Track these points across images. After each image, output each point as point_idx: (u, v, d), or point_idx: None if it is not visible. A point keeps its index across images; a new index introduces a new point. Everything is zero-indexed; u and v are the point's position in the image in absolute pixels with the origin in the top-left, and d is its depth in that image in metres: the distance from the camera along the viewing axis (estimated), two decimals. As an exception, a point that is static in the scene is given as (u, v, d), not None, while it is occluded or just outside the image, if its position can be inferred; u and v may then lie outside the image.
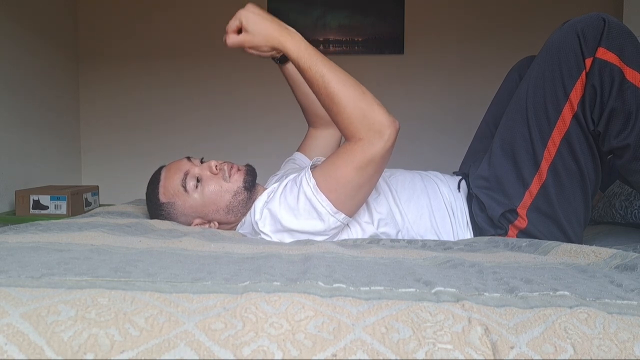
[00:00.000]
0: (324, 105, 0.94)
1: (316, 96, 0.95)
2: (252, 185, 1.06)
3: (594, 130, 0.91)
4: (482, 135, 1.24)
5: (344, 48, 2.80)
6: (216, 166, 1.05)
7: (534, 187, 0.96)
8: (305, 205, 0.93)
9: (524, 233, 0.98)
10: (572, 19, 0.92)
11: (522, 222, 0.98)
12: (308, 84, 0.94)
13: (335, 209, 0.93)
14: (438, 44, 2.79)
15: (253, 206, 1.01)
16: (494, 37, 2.75)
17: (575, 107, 0.91)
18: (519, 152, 0.97)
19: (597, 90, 0.88)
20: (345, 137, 0.93)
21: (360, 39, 2.79)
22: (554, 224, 0.97)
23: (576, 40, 0.88)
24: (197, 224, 1.05)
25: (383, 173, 1.11)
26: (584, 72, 0.89)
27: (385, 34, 2.78)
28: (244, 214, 1.06)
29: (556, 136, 0.93)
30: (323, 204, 0.92)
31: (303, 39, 0.93)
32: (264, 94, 2.80)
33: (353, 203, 0.95)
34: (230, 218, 1.06)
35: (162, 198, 1.05)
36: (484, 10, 2.77)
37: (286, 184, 0.98)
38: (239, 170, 1.07)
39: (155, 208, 1.07)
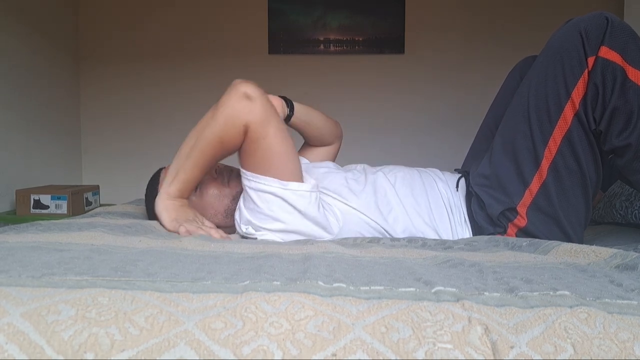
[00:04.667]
0: (225, 155, 0.98)
1: (215, 162, 1.00)
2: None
3: (596, 129, 0.91)
4: (483, 136, 1.24)
5: (345, 48, 2.80)
6: (216, 170, 1.05)
7: (534, 185, 0.96)
8: (259, 197, 0.93)
9: (523, 232, 0.98)
10: (575, 18, 0.92)
11: (521, 221, 0.98)
12: (206, 171, 1.00)
13: (284, 182, 0.93)
14: (438, 44, 2.79)
15: (236, 222, 1.02)
16: (494, 36, 2.75)
17: (577, 106, 0.90)
18: (520, 151, 0.97)
19: (599, 89, 0.87)
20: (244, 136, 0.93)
21: (360, 39, 2.79)
22: (554, 223, 0.97)
23: (579, 38, 0.88)
24: None
25: (382, 169, 1.11)
26: (586, 71, 0.88)
27: (385, 34, 2.78)
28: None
29: (557, 135, 0.93)
30: (269, 182, 0.92)
31: (167, 177, 1.00)
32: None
33: (291, 164, 0.95)
34: (229, 222, 1.06)
35: None
36: (485, 9, 2.77)
37: (242, 198, 0.99)
38: (238, 175, 1.07)
39: (153, 198, 1.07)
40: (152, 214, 1.10)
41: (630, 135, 0.87)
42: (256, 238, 0.96)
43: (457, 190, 1.09)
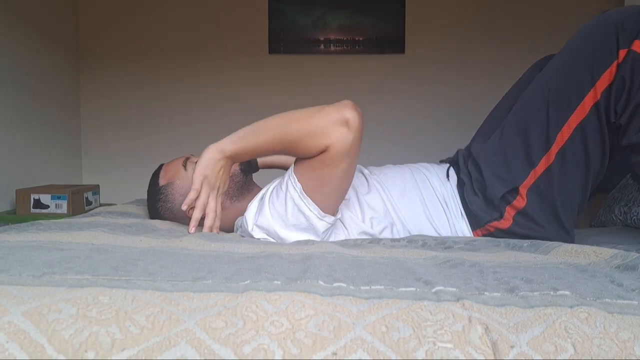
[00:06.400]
0: (289, 154, 0.97)
1: (278, 154, 0.99)
2: (248, 171, 1.09)
3: (615, 122, 0.90)
4: (484, 132, 1.23)
5: (345, 48, 2.80)
6: None
7: (540, 168, 0.96)
8: (294, 212, 0.92)
9: (520, 214, 0.98)
10: (610, 10, 0.91)
11: (520, 202, 0.97)
12: (267, 154, 0.98)
13: (322, 213, 0.93)
14: (439, 44, 2.79)
15: (244, 218, 1.00)
16: (494, 36, 2.75)
17: (598, 96, 0.89)
18: (533, 132, 0.96)
19: (626, 82, 0.86)
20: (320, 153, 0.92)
21: (361, 39, 2.79)
22: (550, 207, 0.97)
23: (613, 29, 0.87)
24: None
25: (373, 171, 1.11)
26: (615, 63, 0.87)
27: (386, 34, 2.78)
28: (239, 200, 1.07)
29: (573, 121, 0.92)
30: (310, 207, 0.92)
31: (233, 135, 0.96)
32: (265, 92, 2.81)
33: (337, 199, 0.96)
34: (226, 202, 1.07)
35: (162, 181, 1.08)
36: (485, 9, 2.77)
37: (272, 191, 0.98)
38: None
39: (154, 195, 1.08)
40: (153, 212, 1.10)
41: None
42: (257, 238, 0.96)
43: (448, 180, 1.08)
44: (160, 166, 1.12)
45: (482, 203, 1.01)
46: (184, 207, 0.95)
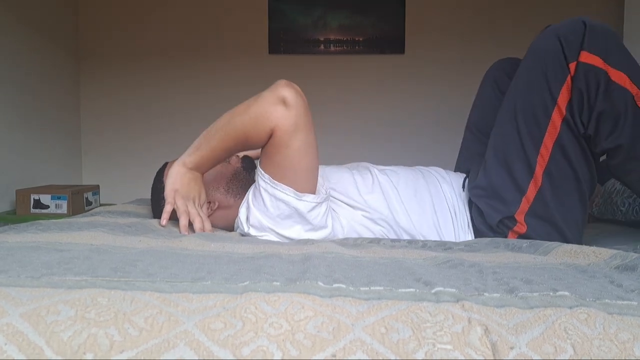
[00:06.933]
0: (245, 148, 0.99)
1: (238, 152, 1.02)
2: (251, 168, 1.10)
3: (585, 133, 0.91)
4: (469, 145, 1.26)
5: (345, 48, 2.80)
6: None
7: (531, 192, 0.96)
8: (272, 202, 0.93)
9: (522, 237, 0.98)
10: (552, 25, 0.93)
11: (521, 228, 0.98)
12: (226, 155, 0.99)
13: (299, 193, 0.92)
14: (439, 44, 2.79)
15: (239, 220, 1.01)
16: (494, 36, 2.75)
17: (564, 111, 0.91)
18: (512, 160, 0.97)
19: (583, 94, 0.88)
20: (269, 138, 0.93)
21: (360, 39, 2.79)
22: (553, 227, 0.97)
23: (558, 45, 0.89)
24: None
25: (386, 170, 1.11)
26: (569, 77, 0.89)
27: (386, 34, 2.78)
28: (242, 198, 1.07)
29: (548, 141, 0.93)
30: (285, 191, 0.92)
31: (190, 147, 0.99)
32: (265, 93, 2.80)
33: (308, 177, 0.95)
34: (229, 200, 1.07)
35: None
36: (484, 9, 2.77)
37: (252, 191, 0.99)
38: (237, 156, 1.13)
39: (158, 193, 1.09)
40: (157, 210, 1.10)
41: (619, 136, 0.87)
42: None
43: (464, 190, 1.09)
44: (165, 164, 1.12)
45: (486, 223, 1.02)
46: (163, 222, 0.96)
